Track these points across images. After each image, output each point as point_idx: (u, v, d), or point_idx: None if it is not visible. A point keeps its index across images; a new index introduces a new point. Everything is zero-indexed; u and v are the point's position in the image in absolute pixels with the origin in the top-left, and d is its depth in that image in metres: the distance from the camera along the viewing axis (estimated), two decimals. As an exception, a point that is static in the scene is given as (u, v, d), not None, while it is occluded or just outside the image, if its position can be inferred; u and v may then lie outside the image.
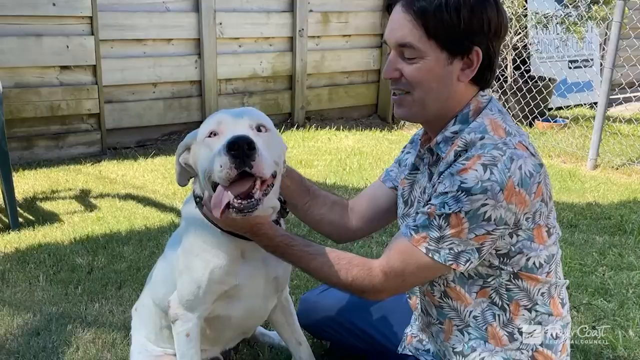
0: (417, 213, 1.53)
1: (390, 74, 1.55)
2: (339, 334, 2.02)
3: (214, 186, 1.51)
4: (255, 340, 2.21)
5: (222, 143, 1.45)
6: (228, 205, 1.45)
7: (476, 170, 1.42)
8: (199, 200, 1.66)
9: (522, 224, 1.48)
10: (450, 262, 1.47)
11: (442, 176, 1.50)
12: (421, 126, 1.72)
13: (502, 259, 1.52)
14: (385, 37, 1.57)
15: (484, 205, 1.41)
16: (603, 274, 2.88)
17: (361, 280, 1.55)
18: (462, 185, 1.42)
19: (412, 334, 1.86)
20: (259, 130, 1.56)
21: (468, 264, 1.48)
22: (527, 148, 1.48)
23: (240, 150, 1.40)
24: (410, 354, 1.83)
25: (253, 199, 1.46)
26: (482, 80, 1.56)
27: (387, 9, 1.58)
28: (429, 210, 1.48)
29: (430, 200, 1.52)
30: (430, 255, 1.48)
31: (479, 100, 1.57)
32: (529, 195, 1.44)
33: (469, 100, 1.56)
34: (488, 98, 1.59)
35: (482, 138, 1.49)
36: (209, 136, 1.54)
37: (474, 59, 1.51)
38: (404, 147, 1.89)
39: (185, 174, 1.69)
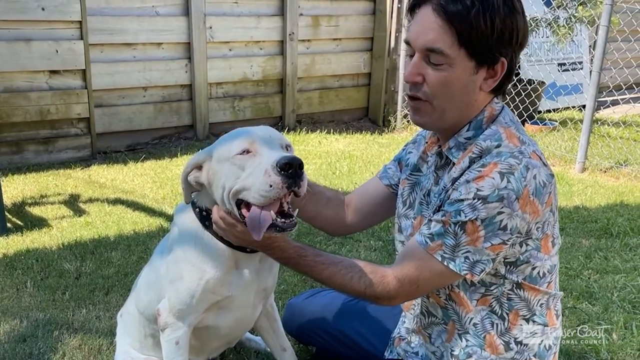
0: (430, 221, 1.52)
1: (413, 77, 1.50)
2: (324, 339, 2.03)
3: (238, 204, 1.51)
4: (241, 346, 2.21)
5: (269, 162, 1.44)
6: (271, 225, 1.46)
7: (493, 178, 1.42)
8: (200, 212, 1.65)
9: (532, 233, 1.49)
10: (465, 272, 1.48)
11: (456, 183, 1.50)
12: (419, 128, 1.72)
13: (508, 267, 1.53)
14: (410, 38, 1.50)
15: (500, 213, 1.42)
16: (588, 278, 2.90)
17: (375, 287, 1.55)
18: (478, 192, 1.42)
19: (400, 336, 1.87)
20: (286, 149, 1.58)
21: (482, 274, 1.49)
22: (540, 158, 1.49)
23: (294, 170, 1.43)
24: (399, 357, 1.84)
25: (293, 218, 1.49)
26: (500, 89, 1.55)
27: (412, 9, 1.52)
28: (443, 218, 1.48)
29: (442, 206, 1.52)
30: (445, 263, 1.48)
31: (493, 107, 1.56)
32: (541, 205, 1.45)
33: (483, 107, 1.56)
34: (501, 106, 1.59)
35: (498, 146, 1.48)
36: (240, 154, 1.52)
37: (498, 69, 1.49)
38: (406, 146, 1.87)
39: (191, 190, 1.68)
